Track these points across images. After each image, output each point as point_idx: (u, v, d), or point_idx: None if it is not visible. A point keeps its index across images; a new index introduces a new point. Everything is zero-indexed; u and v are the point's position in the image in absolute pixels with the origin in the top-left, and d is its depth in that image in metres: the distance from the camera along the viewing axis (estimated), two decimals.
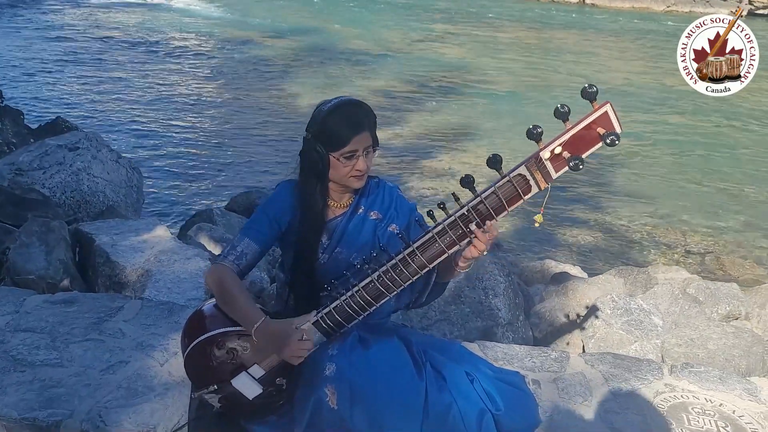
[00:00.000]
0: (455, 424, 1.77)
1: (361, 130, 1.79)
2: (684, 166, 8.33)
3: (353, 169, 1.81)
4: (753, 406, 2.09)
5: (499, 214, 1.63)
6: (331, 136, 1.79)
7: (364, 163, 1.81)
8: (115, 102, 9.57)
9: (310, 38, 14.52)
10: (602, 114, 1.50)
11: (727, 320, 4.43)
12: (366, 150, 1.81)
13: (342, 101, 1.84)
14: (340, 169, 1.82)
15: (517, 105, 9.72)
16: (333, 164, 1.82)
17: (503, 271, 3.86)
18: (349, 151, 1.79)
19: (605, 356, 2.36)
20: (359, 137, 1.78)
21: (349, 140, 1.78)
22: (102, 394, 2.05)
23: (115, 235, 3.70)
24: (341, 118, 1.79)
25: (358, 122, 1.79)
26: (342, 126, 1.78)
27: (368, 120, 1.82)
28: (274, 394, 1.85)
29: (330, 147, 1.80)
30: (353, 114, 1.80)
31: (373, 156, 1.87)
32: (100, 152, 5.14)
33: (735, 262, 6.18)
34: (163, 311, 2.50)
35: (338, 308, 1.77)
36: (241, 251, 1.86)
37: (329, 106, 1.82)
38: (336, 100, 1.84)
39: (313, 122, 1.83)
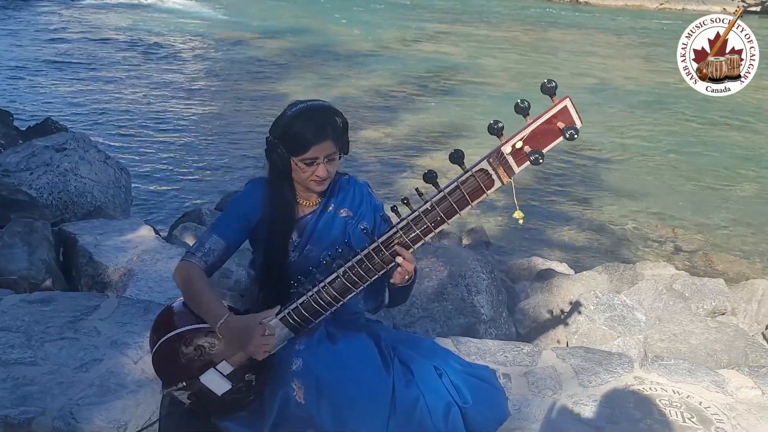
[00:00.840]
0: (422, 418, 1.79)
1: (322, 139, 1.78)
2: (675, 164, 8.35)
3: (313, 175, 1.82)
4: (719, 398, 2.11)
5: (462, 208, 1.64)
6: (292, 141, 1.79)
7: (324, 170, 1.81)
8: (107, 103, 9.58)
9: (305, 38, 14.53)
10: (562, 108, 1.51)
11: (713, 315, 4.45)
12: (328, 157, 1.81)
13: (308, 107, 1.82)
14: (300, 174, 1.83)
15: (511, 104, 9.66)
16: (294, 168, 1.83)
17: (486, 267, 3.87)
18: (309, 158, 1.79)
19: (577, 350, 2.38)
20: (320, 146, 1.78)
21: (309, 148, 1.78)
22: (75, 391, 2.06)
23: (98, 235, 3.71)
24: (303, 125, 1.79)
25: (320, 130, 1.79)
26: (303, 133, 1.78)
27: (332, 127, 1.81)
28: (243, 390, 1.86)
29: (291, 152, 1.80)
30: (316, 122, 1.79)
31: (338, 161, 1.87)
32: (87, 153, 5.15)
33: (724, 258, 6.21)
34: (139, 309, 2.52)
35: (305, 304, 1.78)
36: (209, 248, 1.88)
37: (294, 110, 1.82)
38: (302, 105, 1.84)
39: (277, 125, 1.83)
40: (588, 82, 11.57)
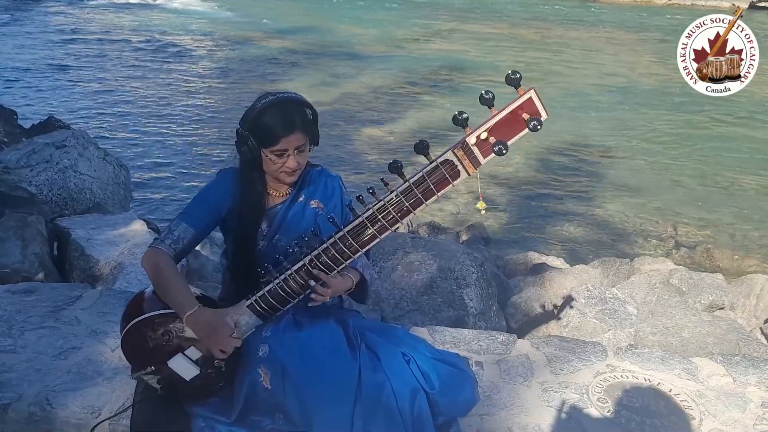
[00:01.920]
0: (389, 403, 1.80)
1: (291, 131, 1.80)
2: (677, 160, 8.29)
3: (284, 166, 1.84)
4: (690, 385, 2.11)
5: (428, 198, 1.63)
6: (262, 133, 1.81)
7: (294, 161, 1.83)
8: (112, 102, 9.67)
9: (313, 37, 14.58)
10: (527, 100, 1.51)
11: (710, 310, 4.42)
12: (298, 149, 1.83)
13: (277, 99, 1.84)
14: (270, 165, 1.85)
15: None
16: (264, 159, 1.85)
17: (476, 261, 3.88)
18: (279, 150, 1.81)
19: (552, 339, 2.38)
20: (289, 138, 1.80)
21: (279, 140, 1.80)
22: (51, 378, 2.10)
23: (91, 230, 3.76)
24: (272, 117, 1.81)
25: (289, 122, 1.80)
26: (272, 125, 1.80)
27: (302, 119, 1.83)
28: (213, 375, 1.88)
29: (261, 143, 1.82)
30: (285, 114, 1.81)
31: (308, 153, 1.89)
32: (87, 150, 5.21)
33: (725, 253, 6.16)
34: (120, 299, 2.55)
35: (272, 292, 1.80)
36: (177, 236, 1.90)
37: (263, 102, 1.83)
38: (272, 97, 1.85)
39: (246, 117, 1.85)
40: (594, 78, 11.52)
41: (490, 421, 1.96)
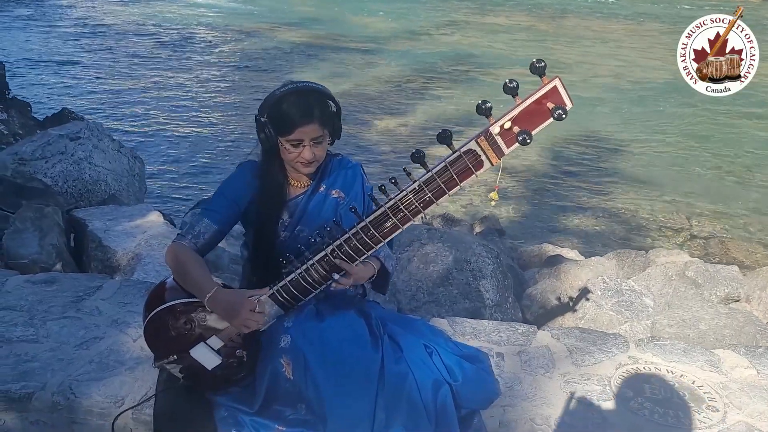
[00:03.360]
0: (411, 394, 1.79)
1: (308, 122, 1.79)
2: (693, 152, 8.22)
3: (299, 156, 1.83)
4: (713, 377, 2.09)
5: (450, 189, 1.60)
6: (278, 121, 1.80)
7: (310, 152, 1.82)
8: (125, 93, 9.70)
9: (324, 28, 14.53)
10: (551, 88, 1.48)
11: (726, 302, 4.39)
12: (314, 140, 1.82)
13: (297, 88, 1.83)
14: (286, 154, 1.84)
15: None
16: (281, 148, 1.84)
17: (491, 253, 3.87)
18: (295, 139, 1.80)
19: (572, 330, 2.37)
20: (305, 128, 1.79)
21: (294, 129, 1.79)
22: (74, 368, 2.11)
23: (108, 221, 3.78)
24: (290, 106, 1.79)
25: (306, 112, 1.79)
26: (289, 114, 1.79)
27: (320, 111, 1.81)
28: (234, 365, 1.89)
29: (277, 132, 1.81)
30: (303, 103, 1.79)
31: (326, 145, 1.88)
32: (101, 142, 5.23)
33: (740, 246, 6.11)
34: (140, 290, 2.56)
35: (294, 282, 1.79)
36: (198, 231, 1.89)
37: (283, 90, 1.82)
38: (292, 86, 1.84)
39: (265, 104, 1.84)
40: (608, 70, 11.43)
41: (512, 412, 1.96)
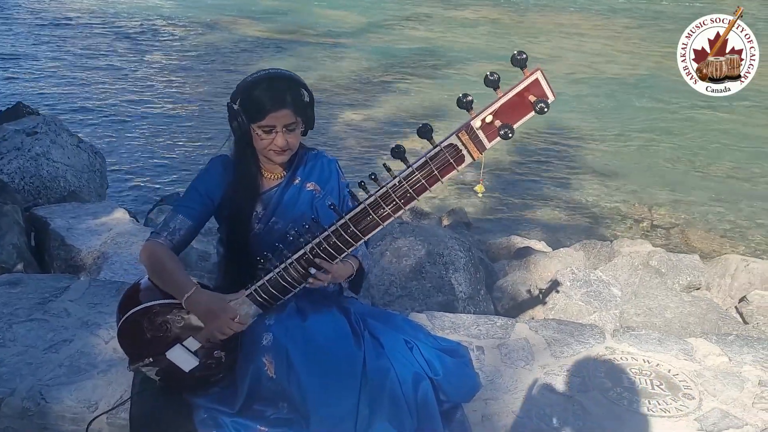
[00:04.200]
0: (393, 389, 1.79)
1: (280, 107, 1.76)
2: (652, 144, 8.40)
3: (272, 144, 1.80)
4: (687, 365, 2.14)
5: (431, 184, 1.58)
6: (250, 107, 1.78)
7: (282, 139, 1.79)
8: (83, 87, 9.41)
9: (286, 20, 14.34)
10: (533, 81, 1.45)
11: (688, 290, 4.51)
12: (287, 127, 1.79)
13: (269, 74, 1.81)
14: (259, 142, 1.81)
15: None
16: (254, 136, 1.81)
17: (464, 246, 3.88)
18: (267, 125, 1.77)
19: (550, 322, 2.40)
20: (277, 114, 1.76)
21: (266, 115, 1.76)
22: (44, 372, 2.04)
23: (71, 219, 3.66)
24: (262, 92, 1.77)
25: (278, 98, 1.77)
26: (261, 100, 1.76)
27: (293, 97, 1.80)
28: (212, 366, 1.85)
29: (249, 118, 1.79)
30: (276, 89, 1.78)
31: (299, 133, 1.85)
32: (59, 137, 5.06)
33: (700, 235, 6.28)
34: (110, 290, 2.49)
35: (272, 281, 1.75)
36: (174, 227, 1.85)
37: (255, 77, 1.81)
38: (264, 72, 1.82)
39: (237, 91, 1.82)
40: (571, 64, 11.59)
41: (494, 405, 1.97)
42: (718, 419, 1.91)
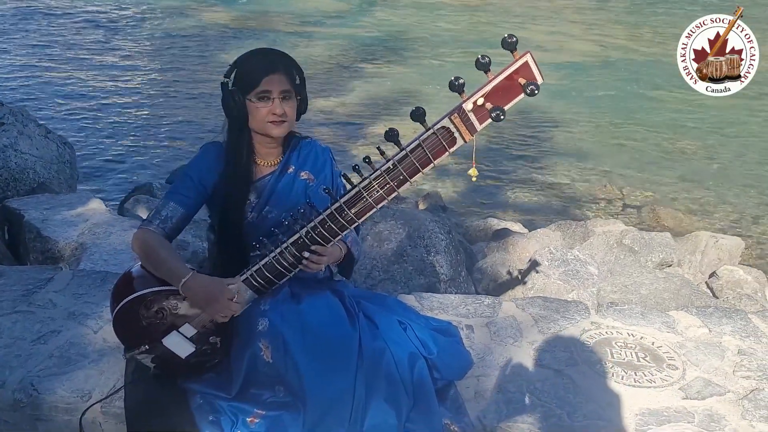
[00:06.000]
0: (389, 369, 1.82)
1: (273, 71, 1.78)
2: (622, 126, 8.55)
3: (269, 113, 1.79)
4: (670, 337, 2.22)
5: (425, 167, 1.60)
6: (244, 76, 1.79)
7: (280, 106, 1.79)
8: (49, 77, 9.16)
9: (252, 7, 14.15)
10: (523, 64, 1.48)
11: (660, 267, 4.63)
12: (283, 94, 1.80)
13: (261, 48, 1.86)
14: (256, 115, 1.80)
15: (460, 69, 9.71)
16: (250, 110, 1.80)
17: (444, 228, 3.92)
18: (262, 91, 1.78)
19: (536, 300, 2.45)
20: (272, 77, 1.77)
21: (261, 79, 1.77)
22: (33, 363, 2.02)
23: (45, 210, 3.59)
24: (255, 60, 1.81)
25: (271, 63, 1.80)
26: (255, 67, 1.79)
27: (284, 65, 1.82)
28: (208, 352, 1.85)
29: (244, 90, 1.78)
30: (269, 58, 1.81)
31: (294, 105, 1.85)
32: (26, 127, 4.93)
33: (669, 213, 6.43)
34: (95, 280, 2.46)
35: (268, 265, 1.76)
36: (166, 215, 1.83)
37: (247, 52, 1.84)
38: (256, 49, 1.86)
39: (231, 67, 1.83)
40: (537, 45, 11.68)
41: (486, 382, 2.01)
42: (702, 387, 1.99)
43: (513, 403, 1.92)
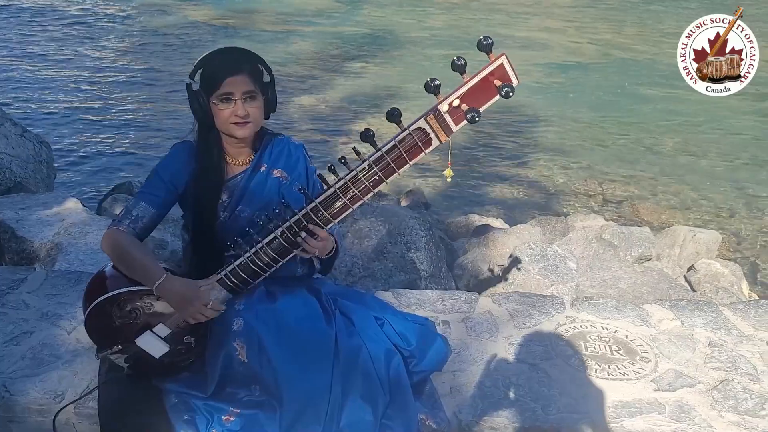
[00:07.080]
0: (366, 366, 1.82)
1: (236, 72, 1.76)
2: (602, 121, 8.62)
3: (232, 115, 1.78)
4: (643, 330, 2.25)
5: (400, 167, 1.60)
6: (207, 77, 1.78)
7: (242, 108, 1.77)
8: (25, 75, 9.04)
9: (234, 6, 14.06)
10: (498, 66, 1.49)
11: (639, 262, 4.67)
12: (246, 94, 1.78)
13: (224, 48, 1.83)
14: (220, 116, 1.79)
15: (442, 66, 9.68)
16: (214, 111, 1.79)
17: (424, 225, 3.93)
18: (224, 93, 1.76)
19: (512, 295, 2.47)
20: (234, 79, 1.76)
21: (223, 81, 1.75)
22: (6, 365, 2.00)
23: (20, 210, 3.55)
24: (217, 61, 1.78)
25: (234, 63, 1.77)
26: (216, 67, 1.77)
27: (249, 65, 1.80)
28: (183, 352, 1.84)
29: (207, 91, 1.78)
30: (231, 57, 1.79)
31: (260, 105, 1.83)
32: (2, 126, 4.87)
33: (649, 208, 6.50)
34: (69, 280, 2.43)
35: (242, 266, 1.75)
36: (136, 215, 1.81)
37: (211, 51, 1.82)
38: (220, 48, 1.83)
39: (195, 68, 1.82)
40: (519, 43, 11.74)
41: (461, 377, 2.02)
42: (673, 379, 2.01)
43: (488, 398, 1.93)
